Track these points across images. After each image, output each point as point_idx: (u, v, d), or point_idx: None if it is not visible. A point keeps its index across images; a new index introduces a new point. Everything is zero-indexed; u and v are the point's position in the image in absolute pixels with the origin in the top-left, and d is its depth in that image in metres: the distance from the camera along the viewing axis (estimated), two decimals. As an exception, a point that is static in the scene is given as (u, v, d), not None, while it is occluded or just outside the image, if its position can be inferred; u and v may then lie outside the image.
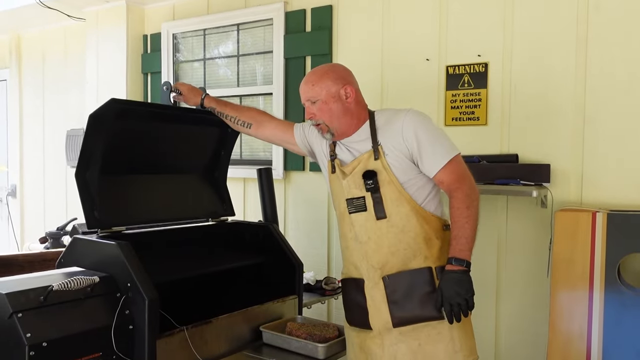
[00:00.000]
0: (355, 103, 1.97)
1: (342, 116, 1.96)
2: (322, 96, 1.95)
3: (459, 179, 1.85)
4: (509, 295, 2.79)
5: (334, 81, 1.95)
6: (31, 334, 1.62)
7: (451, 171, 1.86)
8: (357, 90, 2.01)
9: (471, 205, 1.83)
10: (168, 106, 2.35)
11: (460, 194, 1.84)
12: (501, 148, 2.78)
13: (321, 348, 2.14)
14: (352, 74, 2.05)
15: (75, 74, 4.66)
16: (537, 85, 2.69)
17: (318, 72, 2.00)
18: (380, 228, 1.89)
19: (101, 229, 2.14)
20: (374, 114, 2.00)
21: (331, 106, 1.95)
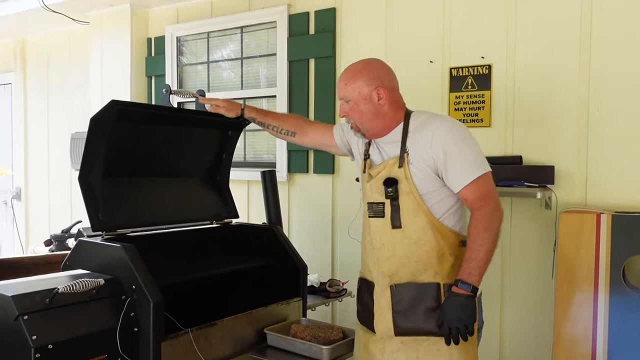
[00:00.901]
0: (389, 104, 1.90)
1: (373, 118, 1.90)
2: (354, 97, 1.90)
3: (483, 197, 1.78)
4: (514, 297, 2.79)
5: (367, 82, 1.89)
6: (37, 336, 1.63)
7: (476, 189, 1.78)
8: (392, 90, 1.92)
9: (490, 228, 1.75)
10: (169, 107, 2.36)
11: (480, 214, 1.76)
12: (505, 150, 2.78)
13: (326, 350, 2.14)
14: (390, 72, 1.96)
15: (80, 77, 4.68)
16: (541, 87, 2.69)
17: (352, 70, 1.94)
18: (395, 237, 1.86)
19: (106, 232, 2.15)
20: (410, 115, 1.92)
21: (362, 107, 1.90)
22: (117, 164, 2.25)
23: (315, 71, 3.38)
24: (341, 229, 3.31)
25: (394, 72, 1.99)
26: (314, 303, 2.78)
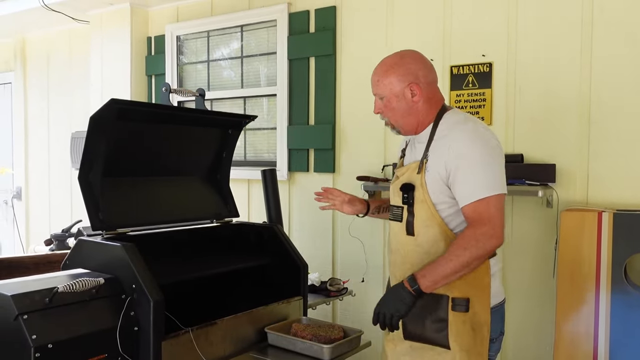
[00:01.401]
0: (424, 101, 1.82)
1: (406, 115, 1.84)
2: (386, 94, 1.84)
3: (480, 220, 1.68)
4: (515, 295, 2.78)
5: (399, 78, 1.81)
6: (37, 335, 1.62)
7: (476, 210, 1.70)
8: (427, 85, 1.82)
9: (470, 248, 1.66)
10: (169, 106, 2.35)
11: (470, 231, 1.69)
12: (506, 148, 2.77)
13: (327, 349, 2.13)
14: (425, 65, 1.85)
15: (80, 77, 4.68)
16: (542, 85, 2.68)
17: (385, 65, 1.86)
18: (408, 244, 1.84)
19: (106, 231, 2.15)
20: (442, 116, 1.83)
21: (394, 105, 1.84)
22: (117, 163, 2.24)
23: (316, 70, 3.37)
24: (342, 228, 3.30)
25: (431, 63, 1.89)
26: (315, 302, 2.77)
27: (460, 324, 1.74)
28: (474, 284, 1.74)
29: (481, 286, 1.75)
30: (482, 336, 1.76)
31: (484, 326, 1.76)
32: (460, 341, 1.74)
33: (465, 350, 1.74)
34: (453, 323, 1.74)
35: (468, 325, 1.74)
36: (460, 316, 1.73)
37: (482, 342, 1.76)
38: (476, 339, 1.75)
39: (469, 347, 1.74)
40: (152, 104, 2.57)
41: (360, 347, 2.34)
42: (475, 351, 1.75)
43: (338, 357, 2.20)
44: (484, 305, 1.76)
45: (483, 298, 1.76)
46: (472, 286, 1.74)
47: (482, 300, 1.76)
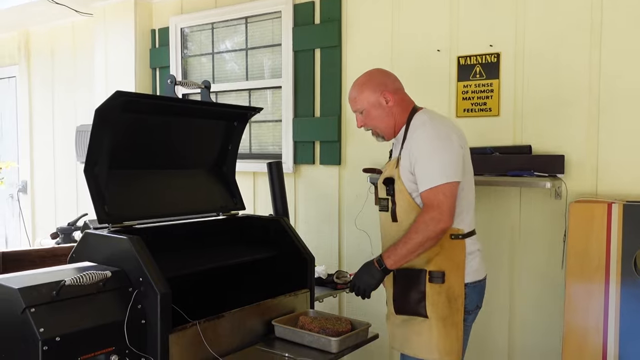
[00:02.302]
0: (396, 105, 2.14)
1: (385, 120, 2.15)
2: (365, 107, 2.15)
3: (430, 205, 1.96)
4: (523, 287, 2.76)
5: (372, 90, 2.14)
6: (44, 328, 1.62)
7: (427, 197, 1.97)
8: (396, 91, 2.15)
9: (421, 231, 1.95)
10: (174, 98, 2.33)
11: (421, 217, 1.97)
12: (514, 139, 2.74)
13: (334, 342, 2.12)
14: (390, 75, 2.21)
15: (84, 70, 4.67)
16: (550, 75, 2.65)
17: (357, 85, 2.18)
18: (394, 229, 2.11)
19: (112, 224, 2.14)
20: (413, 116, 2.12)
21: (374, 114, 2.15)
22: (123, 155, 2.23)
23: (321, 61, 3.34)
24: (348, 220, 3.29)
25: (395, 75, 2.23)
26: (322, 294, 2.76)
27: (436, 295, 2.01)
28: (449, 259, 2.02)
29: (456, 261, 2.03)
30: (457, 307, 2.03)
31: (459, 298, 2.03)
32: (437, 310, 2.01)
33: (441, 318, 2.02)
34: (430, 294, 2.02)
35: (443, 296, 2.02)
36: (436, 288, 2.01)
37: (457, 313, 2.03)
38: (452, 309, 2.02)
39: (444, 316, 2.01)
40: (157, 96, 2.56)
41: (368, 339, 2.33)
42: (450, 320, 2.02)
43: (346, 350, 2.19)
44: (459, 279, 2.03)
45: (458, 273, 2.03)
46: (448, 261, 2.02)
47: (457, 275, 2.03)
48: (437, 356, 2.03)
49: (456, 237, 2.03)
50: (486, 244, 2.77)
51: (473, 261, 2.08)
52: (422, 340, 2.05)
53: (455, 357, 2.04)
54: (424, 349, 2.04)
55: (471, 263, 2.07)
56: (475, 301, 2.10)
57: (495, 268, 2.78)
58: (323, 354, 2.14)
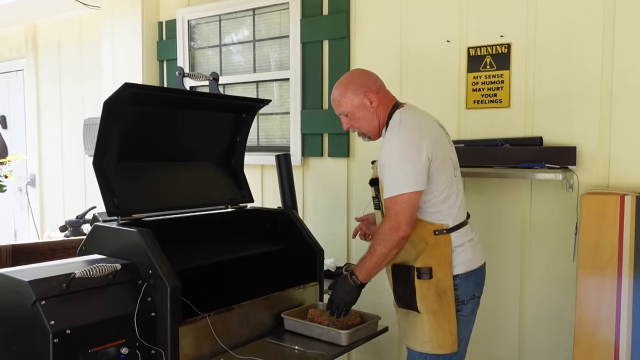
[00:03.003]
0: (380, 104, 2.15)
1: (370, 120, 2.16)
2: (349, 109, 2.16)
3: (388, 215, 2.01)
4: (533, 281, 2.74)
5: (355, 93, 2.14)
6: (55, 321, 1.62)
7: (387, 206, 2.02)
8: (379, 90, 2.16)
9: (382, 243, 2.01)
10: (183, 90, 2.32)
11: (381, 228, 2.03)
12: (525, 131, 2.71)
13: (344, 335, 2.12)
14: (371, 76, 2.20)
15: (91, 63, 4.66)
16: (562, 66, 2.62)
17: (339, 88, 2.18)
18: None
19: (121, 217, 2.14)
20: (392, 117, 2.12)
21: (358, 115, 2.16)
22: (131, 148, 2.23)
23: (330, 53, 3.32)
24: (357, 213, 3.26)
25: (375, 74, 2.22)
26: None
27: (425, 290, 2.06)
28: (435, 255, 2.06)
29: (442, 257, 2.06)
30: (447, 300, 2.06)
31: (448, 292, 2.06)
32: (427, 305, 2.06)
33: (431, 312, 2.06)
34: (419, 289, 2.07)
35: (432, 291, 2.06)
36: (425, 283, 2.06)
37: (448, 306, 2.07)
38: (442, 303, 2.06)
39: (435, 310, 2.06)
40: (166, 88, 2.55)
41: (378, 332, 2.32)
42: (441, 313, 2.06)
43: (355, 343, 2.19)
44: (446, 273, 2.06)
45: (445, 267, 2.06)
46: (434, 257, 2.06)
47: (444, 269, 2.06)
48: (429, 349, 2.08)
49: (440, 233, 2.07)
50: (496, 236, 2.77)
51: (464, 252, 2.10)
52: (416, 334, 2.10)
53: (450, 349, 2.08)
54: (418, 341, 2.10)
55: (462, 254, 2.09)
56: (471, 291, 2.13)
57: (506, 261, 2.76)
58: (333, 346, 2.14)
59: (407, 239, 2.02)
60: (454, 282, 2.08)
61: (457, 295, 2.09)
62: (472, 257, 2.14)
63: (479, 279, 2.17)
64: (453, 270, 2.08)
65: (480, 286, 2.20)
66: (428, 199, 2.06)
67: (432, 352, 2.08)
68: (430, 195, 2.06)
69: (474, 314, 2.20)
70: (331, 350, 2.12)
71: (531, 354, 2.76)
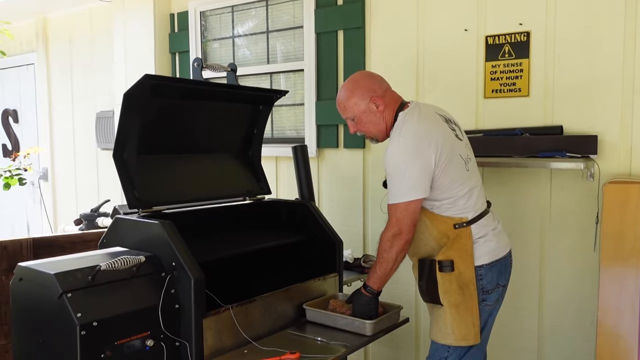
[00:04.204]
0: (386, 107, 2.14)
1: (377, 125, 2.16)
2: (356, 114, 2.16)
3: (390, 222, 2.05)
4: (553, 271, 2.72)
5: (361, 98, 2.13)
6: (81, 313, 1.62)
7: (390, 212, 2.06)
8: (384, 93, 2.15)
9: (388, 250, 2.05)
10: (202, 81, 2.31)
11: (384, 235, 2.07)
12: (545, 120, 2.68)
13: (369, 325, 2.11)
14: (376, 79, 2.19)
15: (103, 56, 4.65)
16: (583, 53, 2.58)
17: (344, 93, 2.17)
18: None
19: (142, 209, 2.13)
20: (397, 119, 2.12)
21: (365, 120, 2.16)
22: (151, 140, 2.22)
23: (345, 43, 3.29)
24: (373, 205, 3.26)
25: (380, 75, 2.21)
26: (350, 279, 2.75)
27: (447, 283, 2.06)
28: (456, 248, 2.06)
29: (463, 249, 2.06)
30: (469, 293, 2.06)
31: (470, 284, 2.06)
32: (449, 297, 2.06)
33: (454, 305, 2.06)
34: (441, 283, 2.06)
35: (455, 284, 2.05)
36: (447, 276, 2.06)
37: (471, 298, 2.06)
38: (464, 296, 2.05)
39: (457, 302, 2.05)
40: (185, 80, 2.54)
41: (399, 323, 2.31)
42: (464, 306, 2.06)
43: (379, 333, 2.18)
44: (468, 265, 2.06)
45: (466, 259, 2.06)
46: (455, 250, 2.06)
47: (466, 262, 2.06)
48: (452, 341, 2.08)
49: (460, 226, 2.06)
50: (515, 226, 2.74)
51: (487, 242, 2.10)
52: (439, 326, 2.11)
53: (472, 341, 2.08)
54: (441, 333, 2.10)
55: (486, 244, 2.09)
56: (496, 280, 2.12)
57: (525, 251, 2.74)
58: (357, 337, 2.14)
59: (410, 242, 2.06)
60: (479, 272, 2.08)
61: (482, 285, 2.08)
62: (497, 247, 2.13)
63: (504, 268, 2.17)
64: (477, 260, 2.08)
65: (506, 275, 2.19)
66: (441, 198, 2.07)
67: (455, 344, 2.08)
68: (443, 195, 2.06)
69: (499, 302, 2.20)
70: (354, 340, 2.12)
71: (551, 345, 2.75)
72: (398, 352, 3.23)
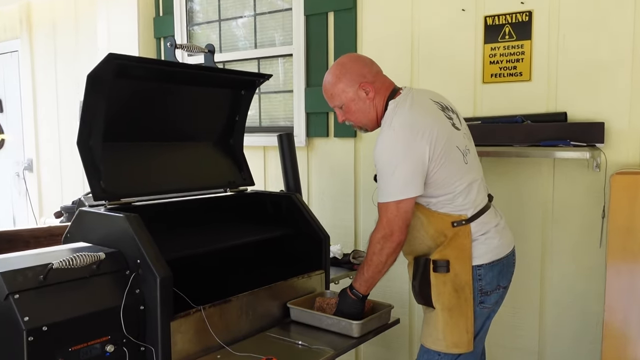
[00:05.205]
0: (376, 95, 1.96)
1: (367, 113, 1.99)
2: (343, 101, 1.98)
3: (380, 222, 1.88)
4: (555, 268, 2.56)
5: (349, 84, 1.95)
6: (29, 317, 1.45)
7: (380, 211, 1.89)
8: (374, 79, 1.96)
9: (377, 253, 1.88)
10: (175, 63, 2.13)
11: (374, 236, 1.90)
12: (548, 106, 2.51)
13: (356, 325, 1.95)
14: (365, 62, 1.99)
15: (87, 42, 4.46)
16: (589, 35, 2.40)
17: (330, 79, 1.99)
18: None
19: (109, 201, 1.96)
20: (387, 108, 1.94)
21: (354, 108, 1.99)
22: (119, 126, 2.05)
23: (335, 26, 3.10)
24: (365, 197, 3.09)
25: (369, 58, 2.02)
26: (338, 276, 2.58)
27: (441, 284, 1.88)
28: (453, 248, 1.88)
29: (461, 249, 1.88)
30: (464, 296, 1.88)
31: (466, 287, 1.88)
32: (442, 300, 1.88)
33: (447, 309, 1.88)
34: (435, 284, 1.89)
35: (449, 286, 1.88)
36: (441, 277, 1.88)
37: (466, 302, 1.89)
38: (459, 299, 1.88)
39: (450, 306, 1.88)
40: (155, 60, 2.36)
41: (390, 324, 2.15)
42: (457, 310, 1.88)
43: (368, 335, 2.02)
44: (465, 266, 1.88)
45: (463, 260, 1.88)
46: (452, 249, 1.88)
47: (463, 262, 1.88)
48: (443, 347, 1.91)
49: (459, 224, 1.89)
50: (516, 220, 2.57)
51: (489, 240, 1.93)
52: (430, 330, 1.94)
53: (465, 348, 1.91)
54: (431, 338, 1.94)
55: (487, 243, 1.92)
56: (496, 281, 1.95)
57: (526, 247, 2.57)
58: (343, 338, 1.98)
59: (402, 244, 1.89)
60: (477, 271, 1.90)
61: (480, 285, 1.91)
62: (499, 244, 1.95)
63: (505, 268, 1.99)
64: (476, 260, 1.90)
65: (507, 275, 2.02)
66: (438, 195, 1.89)
67: (445, 350, 1.91)
68: (439, 191, 1.89)
69: (498, 304, 2.03)
70: (340, 343, 1.96)
71: (553, 346, 2.58)
72: (390, 352, 3.06)
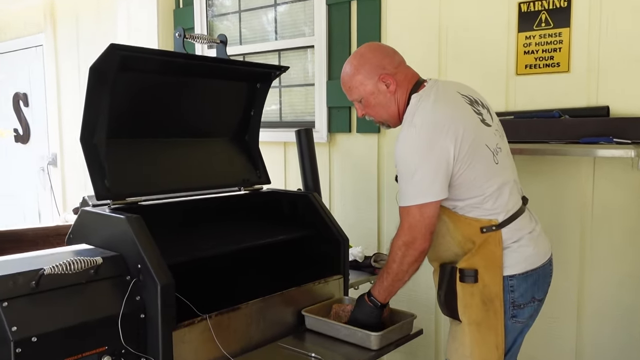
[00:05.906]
0: (398, 88, 1.81)
1: (387, 107, 1.85)
2: (363, 95, 1.85)
3: (402, 227, 1.75)
4: (595, 276, 2.36)
5: (367, 76, 1.82)
6: (17, 327, 1.35)
7: (402, 215, 1.75)
8: (396, 71, 1.81)
9: (398, 260, 1.75)
10: (184, 54, 2.00)
11: (394, 243, 1.78)
12: (588, 99, 2.31)
13: (374, 337, 1.81)
14: (385, 52, 1.85)
15: (109, 35, 4.40)
16: (633, 22, 2.19)
17: (348, 71, 1.86)
18: None
19: (113, 201, 1.86)
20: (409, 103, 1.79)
21: (373, 102, 1.85)
22: (125, 122, 1.95)
23: (358, 15, 2.95)
24: (389, 196, 2.93)
25: (391, 47, 1.89)
26: (358, 280, 2.43)
27: (468, 296, 1.74)
28: (482, 255, 1.73)
29: (491, 258, 1.73)
30: (494, 309, 1.74)
31: (495, 299, 1.73)
32: (469, 314, 1.74)
33: (474, 323, 1.74)
34: (461, 295, 1.75)
35: (477, 298, 1.73)
36: (468, 288, 1.74)
37: (496, 315, 1.74)
38: (488, 312, 1.73)
39: (478, 320, 1.74)
40: (162, 51, 2.24)
41: (412, 335, 2.00)
42: (486, 324, 1.74)
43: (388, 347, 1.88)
44: (495, 277, 1.73)
45: (493, 270, 1.73)
46: (480, 257, 1.73)
47: (492, 272, 1.73)
48: None
49: (489, 230, 1.73)
50: (552, 224, 2.37)
51: (522, 248, 1.76)
52: (456, 345, 1.80)
53: None
54: (457, 354, 1.79)
55: (519, 251, 1.75)
56: (530, 293, 1.78)
57: (563, 253, 2.37)
58: (361, 350, 1.84)
59: (426, 252, 1.75)
60: (509, 282, 1.73)
61: (512, 298, 1.74)
62: (534, 253, 1.78)
63: (541, 279, 1.81)
64: (509, 269, 1.74)
65: (544, 287, 1.84)
66: (465, 198, 1.74)
67: None
68: (466, 194, 1.73)
69: (532, 318, 1.86)
70: (356, 355, 1.82)
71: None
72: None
